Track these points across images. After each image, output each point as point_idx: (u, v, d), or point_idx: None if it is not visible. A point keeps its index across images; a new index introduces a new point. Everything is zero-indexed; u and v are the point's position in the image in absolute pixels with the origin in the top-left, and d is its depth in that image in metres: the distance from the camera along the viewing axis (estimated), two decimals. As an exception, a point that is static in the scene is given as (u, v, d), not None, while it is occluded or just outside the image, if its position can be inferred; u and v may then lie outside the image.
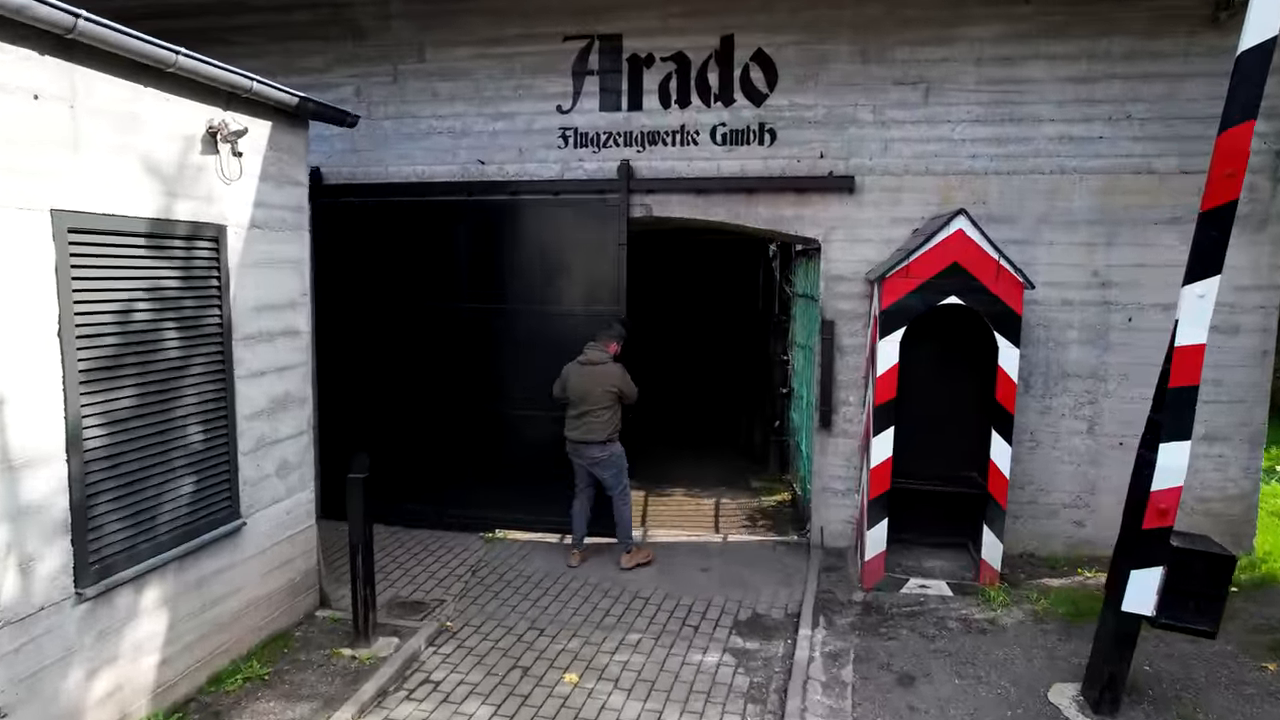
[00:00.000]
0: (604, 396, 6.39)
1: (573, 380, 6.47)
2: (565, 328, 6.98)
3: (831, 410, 6.62)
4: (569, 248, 6.99)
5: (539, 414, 7.04)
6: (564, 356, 6.59)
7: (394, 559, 6.71)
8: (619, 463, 6.57)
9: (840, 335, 6.59)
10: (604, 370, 6.43)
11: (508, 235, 7.05)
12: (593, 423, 6.43)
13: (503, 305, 7.13)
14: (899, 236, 6.42)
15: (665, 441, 11.21)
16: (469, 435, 7.29)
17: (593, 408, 6.40)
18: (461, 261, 7.15)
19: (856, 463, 6.67)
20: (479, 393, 7.25)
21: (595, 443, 6.44)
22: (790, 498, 8.50)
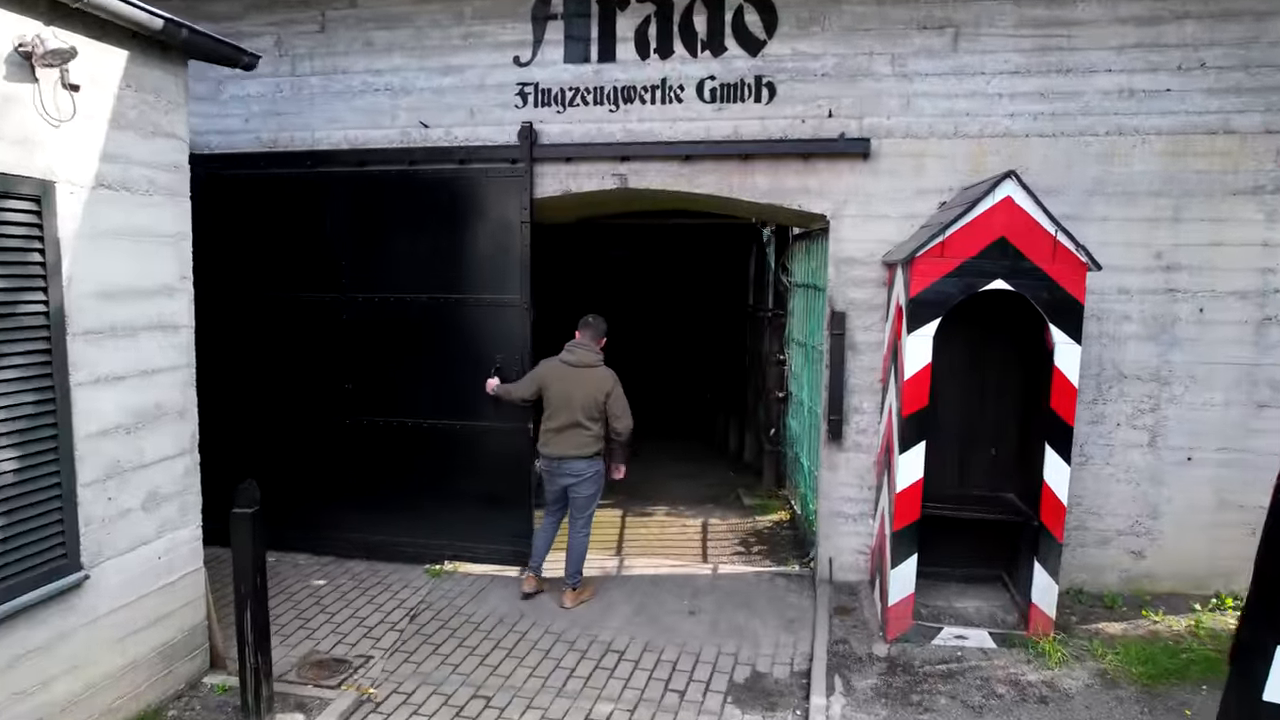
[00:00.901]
0: (593, 408, 5.30)
1: (555, 385, 5.37)
2: (470, 319, 5.96)
3: (842, 420, 5.56)
4: (470, 226, 5.93)
5: (496, 426, 5.94)
6: (474, 352, 5.77)
7: (319, 599, 5.57)
8: (600, 482, 5.51)
9: (853, 330, 5.52)
10: (596, 376, 5.34)
11: (447, 213, 5.93)
12: (580, 437, 5.33)
13: (418, 296, 6.06)
14: (923, 212, 5.37)
15: (645, 451, 10.14)
16: (406, 449, 6.15)
17: (579, 420, 5.30)
18: (391, 245, 6.03)
19: (872, 482, 5.60)
20: (415, 399, 6.12)
21: (581, 458, 5.36)
22: (789, 517, 7.43)
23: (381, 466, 6.18)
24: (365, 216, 6.02)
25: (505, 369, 5.82)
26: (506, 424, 5.92)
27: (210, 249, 6.11)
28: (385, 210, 5.99)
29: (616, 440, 5.40)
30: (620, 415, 5.31)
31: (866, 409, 5.56)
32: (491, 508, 6.06)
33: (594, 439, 5.34)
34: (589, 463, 5.37)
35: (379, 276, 6.03)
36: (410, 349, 6.05)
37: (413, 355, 6.06)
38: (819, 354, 6.39)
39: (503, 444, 5.97)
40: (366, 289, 6.06)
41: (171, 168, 4.09)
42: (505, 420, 5.91)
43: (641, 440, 10.64)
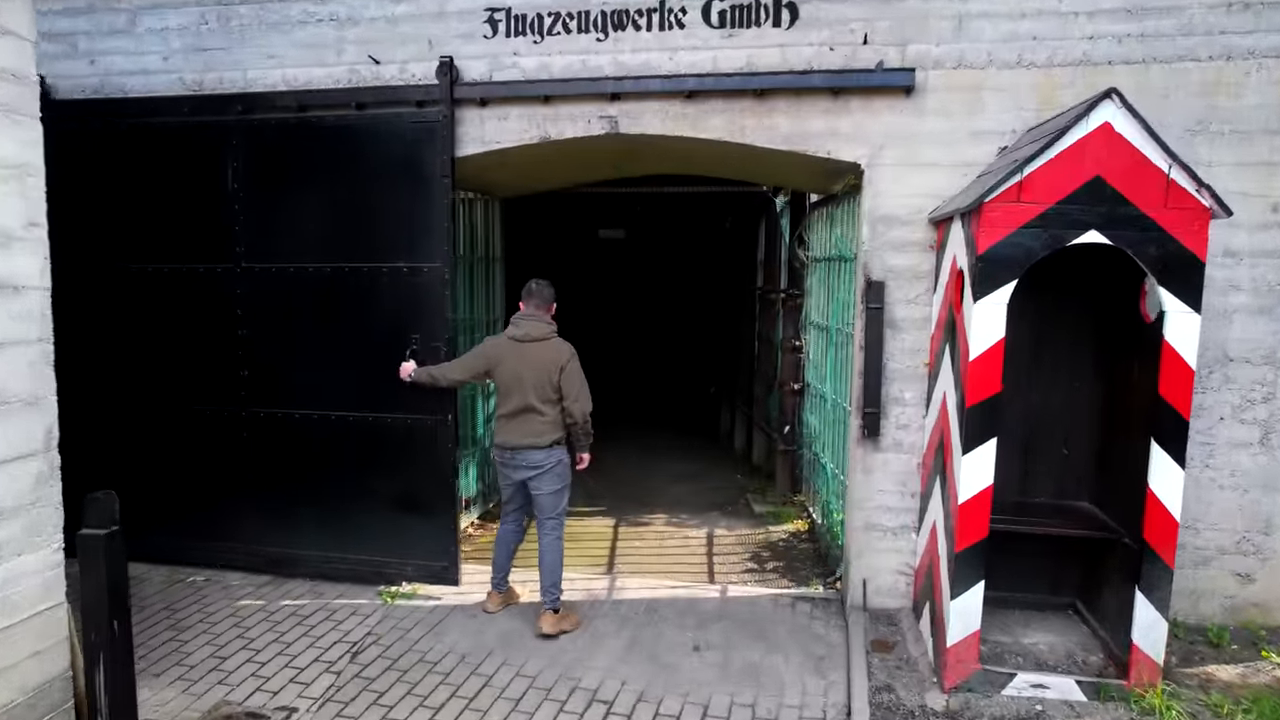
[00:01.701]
0: (547, 387, 4.39)
1: (503, 364, 4.45)
2: (383, 291, 5.02)
3: (879, 413, 4.57)
4: (385, 182, 4.96)
5: (416, 418, 5.01)
6: (390, 330, 4.89)
7: (244, 631, 4.57)
8: (564, 474, 4.56)
9: (893, 303, 4.53)
10: (547, 350, 4.43)
11: (356, 167, 4.97)
12: (535, 423, 4.42)
13: (322, 266, 5.09)
14: (978, 159, 4.38)
15: (642, 448, 9.15)
16: (315, 447, 5.17)
17: (532, 403, 4.39)
18: (291, 206, 5.07)
19: (916, 488, 4.61)
20: (323, 388, 5.14)
21: (538, 447, 4.43)
22: (807, 528, 6.45)
23: (291, 468, 5.21)
24: (262, 173, 5.06)
25: (424, 350, 4.88)
26: (427, 416, 4.97)
27: (121, 215, 5.25)
28: (285, 164, 5.03)
29: (573, 426, 4.46)
30: (574, 396, 4.39)
31: (909, 399, 4.57)
32: (412, 516, 5.10)
33: (551, 425, 4.43)
34: (547, 453, 4.44)
35: (279, 243, 5.07)
36: (316, 327, 5.09)
37: (319, 335, 5.09)
38: (844, 337, 5.41)
39: (424, 440, 5.02)
40: (263, 257, 5.09)
41: (8, 77, 3.09)
42: (426, 411, 4.97)
43: (639, 438, 9.74)
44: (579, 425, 4.45)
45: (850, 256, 5.33)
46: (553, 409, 4.41)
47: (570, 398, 4.39)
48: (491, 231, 6.83)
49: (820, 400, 6.25)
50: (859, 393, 4.63)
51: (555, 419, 4.42)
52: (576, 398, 4.39)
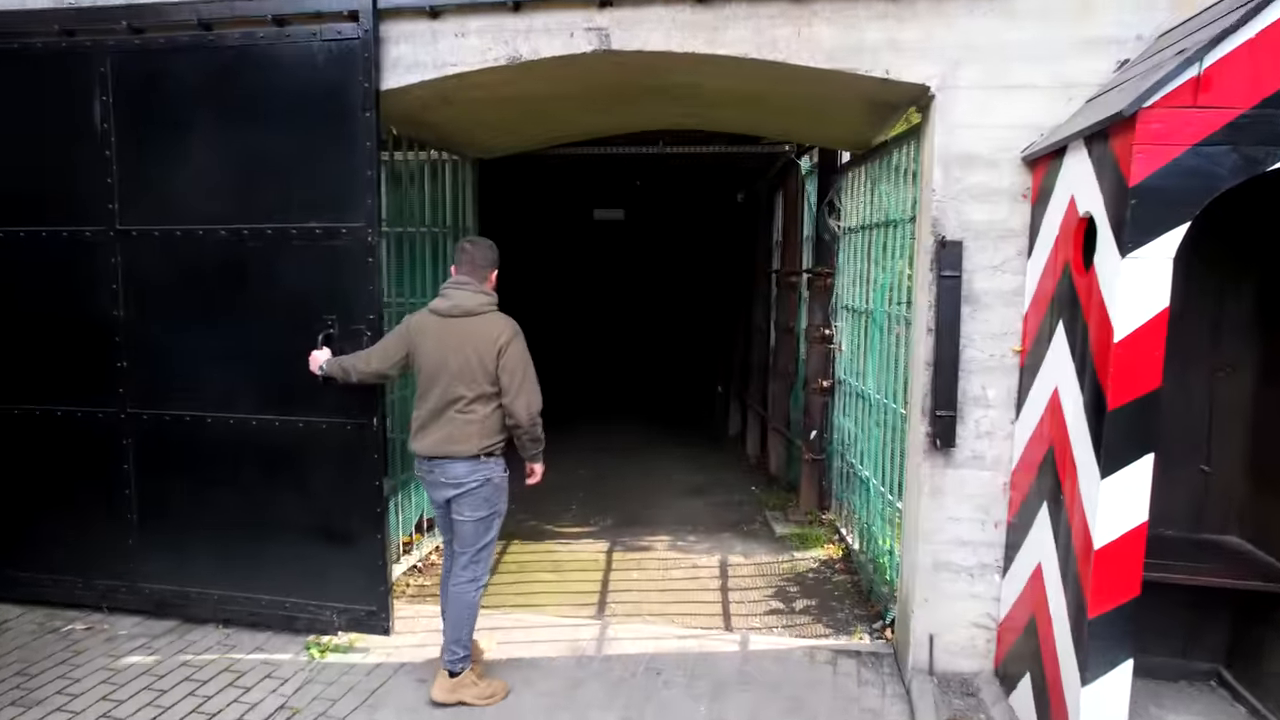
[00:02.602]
0: (479, 376, 3.28)
1: (424, 346, 3.37)
2: (294, 260, 3.90)
3: (955, 415, 3.45)
4: (294, 122, 3.83)
5: (333, 422, 3.90)
6: (302, 310, 3.84)
7: (114, 709, 3.46)
8: (495, 498, 3.45)
9: (972, 272, 3.42)
10: (482, 327, 3.32)
11: (260, 104, 3.84)
12: (461, 424, 3.31)
13: (216, 229, 3.96)
14: (1089, 77, 3.27)
15: (642, 454, 8.03)
16: (217, 458, 4.04)
17: (459, 394, 3.29)
18: (183, 153, 3.93)
19: (1001, 516, 3.50)
20: (222, 384, 4.03)
21: (462, 457, 3.31)
22: (841, 554, 5.33)
23: (185, 484, 4.11)
24: (145, 110, 3.93)
25: (343, 336, 3.78)
26: (347, 420, 3.88)
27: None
28: (174, 99, 3.91)
29: (516, 431, 3.37)
30: (516, 389, 3.29)
31: (993, 399, 3.46)
32: (333, 547, 4.00)
33: (482, 428, 3.32)
34: (473, 465, 3.33)
35: (165, 200, 3.96)
36: (212, 307, 3.99)
37: (216, 317, 3.99)
38: (894, 321, 4.30)
39: (343, 450, 3.92)
40: (145, 218, 3.98)
41: None
42: (345, 414, 3.88)
43: (639, 443, 8.60)
44: (524, 429, 3.35)
45: (903, 219, 4.23)
46: (486, 406, 3.31)
47: (511, 391, 3.28)
48: (461, 199, 5.72)
49: (857, 400, 5.14)
50: (924, 391, 3.51)
51: (489, 420, 3.32)
52: (519, 391, 3.29)
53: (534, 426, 3.37)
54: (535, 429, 3.38)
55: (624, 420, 10.21)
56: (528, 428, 3.34)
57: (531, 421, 3.34)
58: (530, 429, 3.36)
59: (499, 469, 3.39)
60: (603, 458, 8.11)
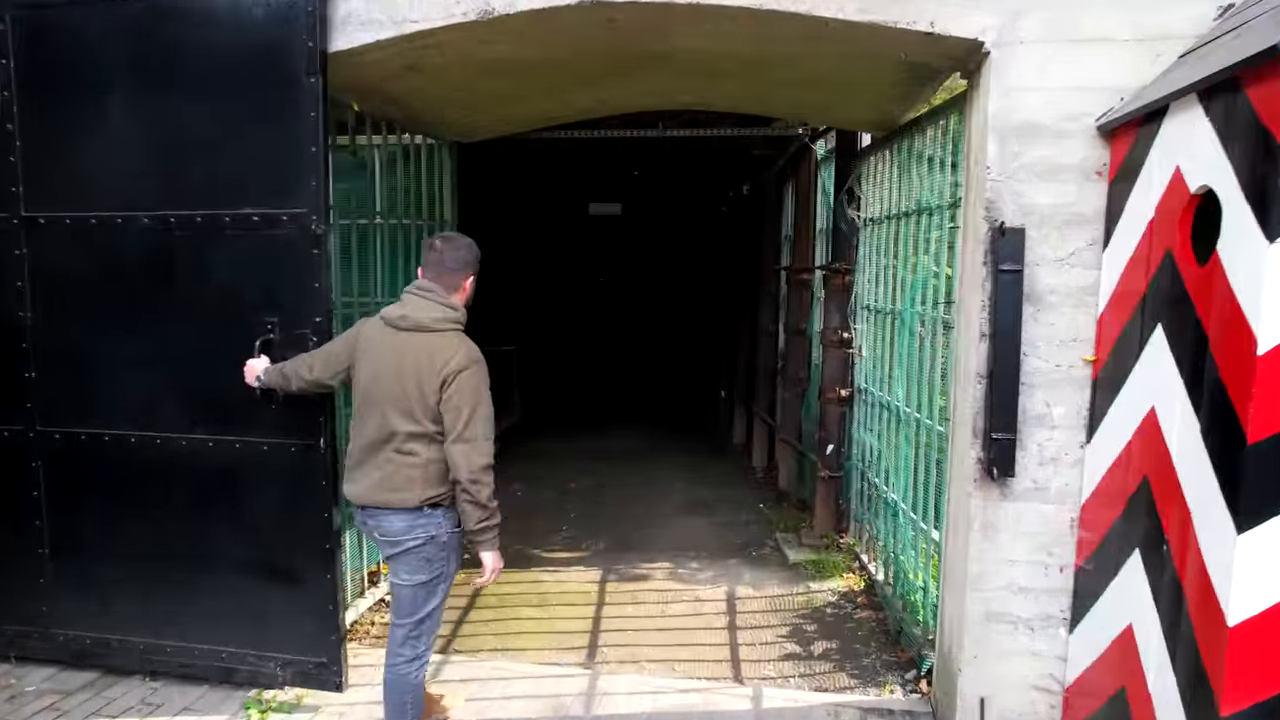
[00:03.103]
0: (420, 408, 2.64)
1: (367, 355, 2.76)
2: (228, 252, 3.30)
3: (1015, 438, 2.86)
4: (226, 91, 3.23)
5: (276, 443, 3.31)
6: (237, 311, 3.22)
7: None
8: (439, 560, 2.79)
9: (1035, 265, 2.83)
10: (431, 348, 2.66)
11: (184, 69, 3.24)
12: (398, 464, 2.68)
13: (138, 216, 3.33)
14: (1182, 27, 2.69)
15: (639, 466, 7.43)
16: (143, 484, 3.45)
17: (397, 430, 2.66)
18: (96, 128, 3.32)
19: (1068, 559, 2.91)
20: (147, 398, 3.43)
21: (400, 508, 2.68)
22: (863, 586, 4.74)
23: (106, 514, 3.52)
24: (56, 75, 3.33)
25: (285, 341, 3.21)
26: (291, 440, 3.30)
27: None
28: (90, 63, 3.31)
29: (455, 490, 2.66)
30: (459, 431, 2.58)
31: (1059, 418, 2.87)
32: (277, 588, 3.41)
33: (426, 472, 2.66)
34: (413, 519, 2.68)
35: (80, 182, 3.36)
36: (136, 307, 3.39)
37: (140, 319, 3.40)
38: (927, 323, 3.73)
39: (287, 475, 3.33)
40: (56, 202, 3.38)
41: None
42: (289, 433, 3.29)
43: (636, 453, 7.97)
44: (462, 486, 2.60)
45: (940, 205, 3.65)
46: (430, 447, 2.66)
47: (452, 433, 2.58)
48: (438, 188, 5.14)
49: (881, 412, 4.56)
50: (976, 409, 2.93)
51: (436, 465, 2.66)
52: (461, 436, 2.57)
53: (476, 486, 2.57)
54: (479, 491, 2.58)
55: (622, 426, 9.64)
56: (466, 484, 2.56)
57: (473, 478, 2.56)
58: (471, 489, 2.57)
59: (447, 524, 2.74)
60: (599, 468, 7.53)
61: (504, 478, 2.97)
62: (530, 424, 9.24)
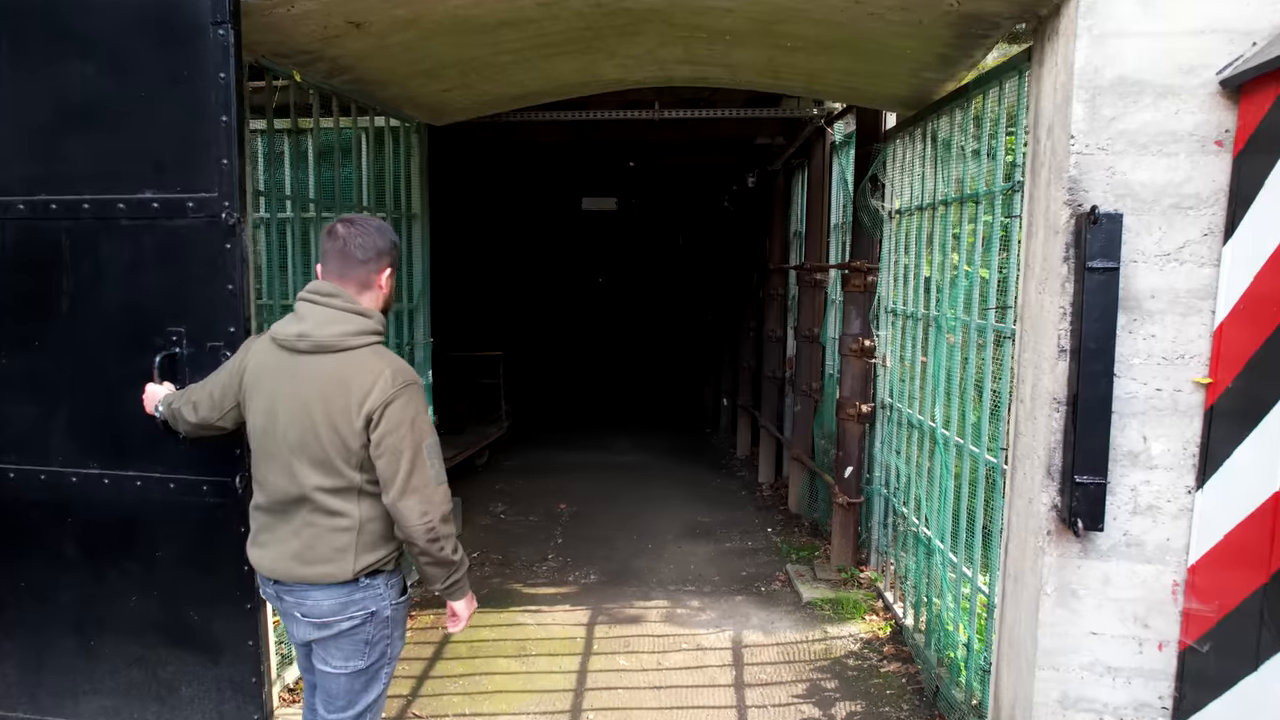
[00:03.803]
0: (340, 454, 2.00)
1: (259, 389, 2.10)
2: (122, 249, 2.67)
3: (1105, 483, 2.24)
4: (112, 51, 2.59)
5: (181, 480, 2.66)
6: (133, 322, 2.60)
7: None
8: (383, 640, 2.14)
9: (1134, 261, 2.22)
10: (347, 371, 2.01)
11: (54, 26, 2.62)
12: (321, 530, 2.04)
13: (11, 201, 2.67)
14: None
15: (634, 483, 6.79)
16: (23, 529, 2.83)
17: (314, 486, 2.02)
18: None
19: (1168, 631, 2.30)
20: (27, 427, 2.78)
21: (328, 584, 2.04)
22: (889, 631, 4.13)
23: None
24: None
25: (194, 359, 2.61)
26: (202, 476, 2.68)
27: None
28: None
29: (411, 551, 2.07)
30: (402, 481, 1.98)
31: (1159, 455, 2.26)
32: (187, 656, 2.80)
33: (360, 536, 2.05)
34: (347, 595, 2.07)
35: None
36: (6, 316, 2.77)
37: (14, 330, 2.77)
38: (972, 332, 3.12)
39: (199, 519, 2.71)
40: None
41: None
42: (200, 468, 2.67)
43: (631, 467, 7.25)
44: (419, 548, 2.01)
45: (992, 191, 3.04)
46: (360, 504, 2.03)
47: (394, 485, 1.97)
48: (406, 174, 4.54)
49: (912, 434, 3.95)
50: (1052, 443, 2.31)
51: (373, 524, 2.05)
52: (407, 486, 1.98)
53: (435, 544, 2.01)
54: (441, 549, 2.02)
55: (618, 437, 9.03)
56: (424, 545, 2.00)
57: (431, 535, 1.99)
58: (431, 548, 2.01)
59: (390, 593, 2.13)
60: (592, 485, 6.92)
61: (487, 496, 2.38)
62: (519, 434, 8.63)
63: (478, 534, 5.61)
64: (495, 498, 6.42)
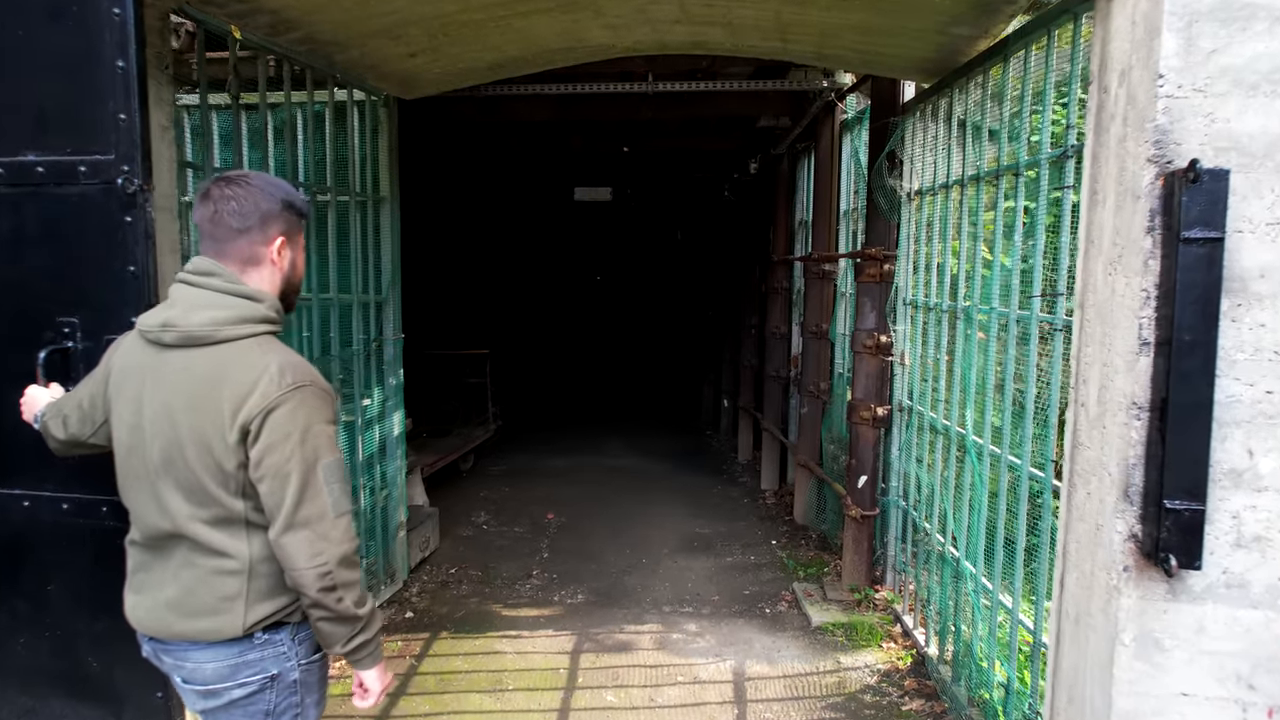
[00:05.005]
0: (213, 476, 1.54)
1: (122, 395, 1.63)
2: None
3: (1203, 508, 1.79)
4: None
5: (70, 499, 2.13)
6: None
7: None
8: (291, 710, 1.67)
9: (1239, 232, 1.77)
10: (224, 368, 1.55)
11: None
12: (202, 572, 1.58)
13: None
14: None
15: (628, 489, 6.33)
16: None
17: (190, 516, 1.57)
18: None
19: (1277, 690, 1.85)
20: None
21: (211, 640, 1.58)
22: (910, 662, 3.68)
23: None
24: None
25: (89, 355, 2.20)
26: (99, 495, 2.24)
27: None
28: None
29: (315, 613, 1.58)
30: (290, 510, 1.52)
31: (1267, 475, 1.82)
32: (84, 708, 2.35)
33: (250, 581, 1.58)
34: (239, 655, 1.60)
35: None
36: None
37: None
38: (1012, 320, 2.69)
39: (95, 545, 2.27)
40: None
41: None
42: (96, 486, 2.22)
43: (625, 472, 6.68)
44: (310, 597, 1.56)
45: (1026, 162, 2.61)
46: (253, 539, 1.59)
47: (280, 516, 1.53)
48: (374, 152, 4.11)
49: (936, 440, 3.51)
50: (1130, 458, 1.87)
51: (265, 565, 1.60)
52: (293, 519, 1.53)
53: (332, 595, 1.55)
54: (339, 600, 1.56)
55: (612, 439, 8.59)
56: (317, 595, 1.54)
57: (325, 583, 1.53)
58: (326, 598, 1.55)
59: (298, 651, 1.67)
60: (582, 492, 6.49)
61: (469, 505, 1.96)
62: (508, 436, 8.19)
63: (457, 547, 5.17)
64: (478, 506, 5.98)
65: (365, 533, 4.13)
